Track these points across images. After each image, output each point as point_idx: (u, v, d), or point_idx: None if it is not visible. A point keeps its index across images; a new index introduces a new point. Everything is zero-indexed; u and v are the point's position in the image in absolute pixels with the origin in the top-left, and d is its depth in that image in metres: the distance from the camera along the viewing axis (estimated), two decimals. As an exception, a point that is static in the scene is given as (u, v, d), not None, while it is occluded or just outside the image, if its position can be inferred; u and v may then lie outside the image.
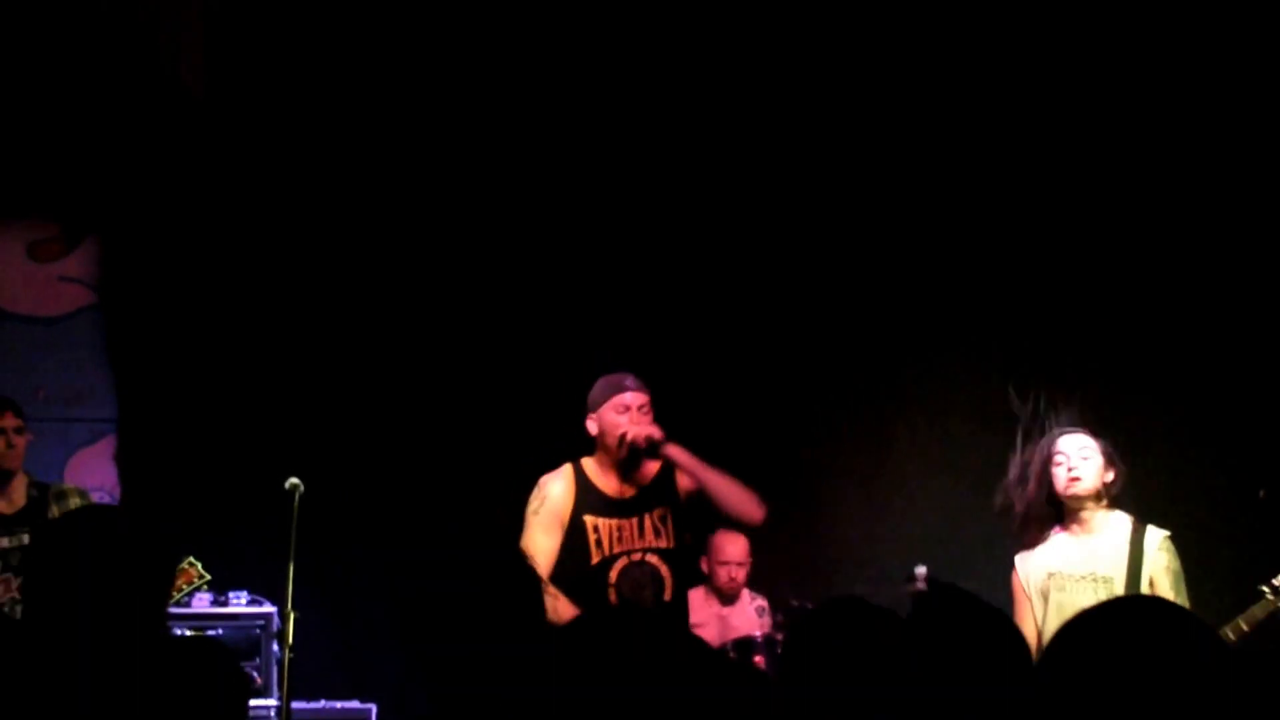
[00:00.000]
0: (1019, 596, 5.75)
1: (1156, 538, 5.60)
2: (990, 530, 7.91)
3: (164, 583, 3.01)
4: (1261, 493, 6.56)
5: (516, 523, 5.83)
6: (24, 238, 8.10)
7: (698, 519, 5.93)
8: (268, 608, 7.02)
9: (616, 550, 5.72)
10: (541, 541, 5.65)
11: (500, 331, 8.01)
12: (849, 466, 8.16)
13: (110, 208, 8.03)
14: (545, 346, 7.93)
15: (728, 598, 7.36)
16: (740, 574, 7.37)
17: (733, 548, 7.35)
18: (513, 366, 7.94)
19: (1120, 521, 5.64)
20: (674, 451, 5.69)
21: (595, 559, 5.71)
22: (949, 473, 8.12)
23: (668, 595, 5.75)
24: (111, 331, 8.05)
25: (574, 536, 5.71)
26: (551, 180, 8.03)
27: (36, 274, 8.10)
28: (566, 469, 5.83)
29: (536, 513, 5.73)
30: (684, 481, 5.80)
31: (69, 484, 6.63)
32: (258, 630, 7.02)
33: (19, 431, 6.27)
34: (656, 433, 5.68)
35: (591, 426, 5.80)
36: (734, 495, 5.71)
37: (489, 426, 7.85)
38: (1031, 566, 5.72)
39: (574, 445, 5.93)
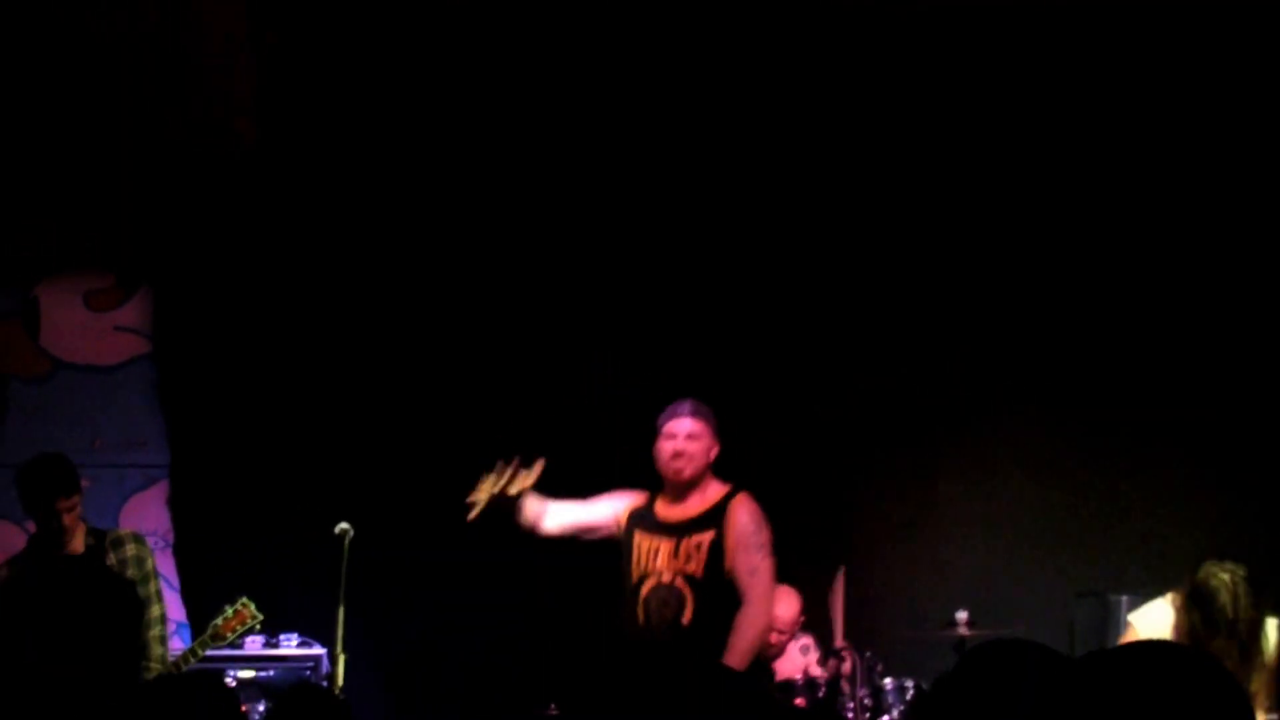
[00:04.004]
0: None
1: None
2: (1032, 579, 7.97)
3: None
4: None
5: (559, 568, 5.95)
6: (81, 288, 8.23)
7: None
8: (318, 650, 7.06)
9: (650, 569, 5.87)
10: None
11: (552, 377, 8.07)
12: (894, 514, 8.18)
13: (164, 258, 8.15)
14: (594, 393, 8.00)
15: (771, 655, 7.27)
16: (783, 639, 7.25)
17: (782, 611, 7.14)
18: (565, 412, 8.00)
19: None
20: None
21: (634, 577, 5.88)
22: (992, 523, 8.14)
23: (686, 619, 5.80)
24: (165, 379, 8.16)
25: (625, 553, 5.94)
26: (596, 230, 8.11)
27: (93, 324, 8.22)
28: (644, 493, 6.06)
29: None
30: (738, 516, 5.88)
31: (125, 530, 6.63)
32: (308, 672, 7.05)
33: (72, 509, 6.14)
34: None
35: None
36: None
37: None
38: None
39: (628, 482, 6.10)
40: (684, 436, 5.88)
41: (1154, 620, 5.79)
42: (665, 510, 5.97)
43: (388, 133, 8.01)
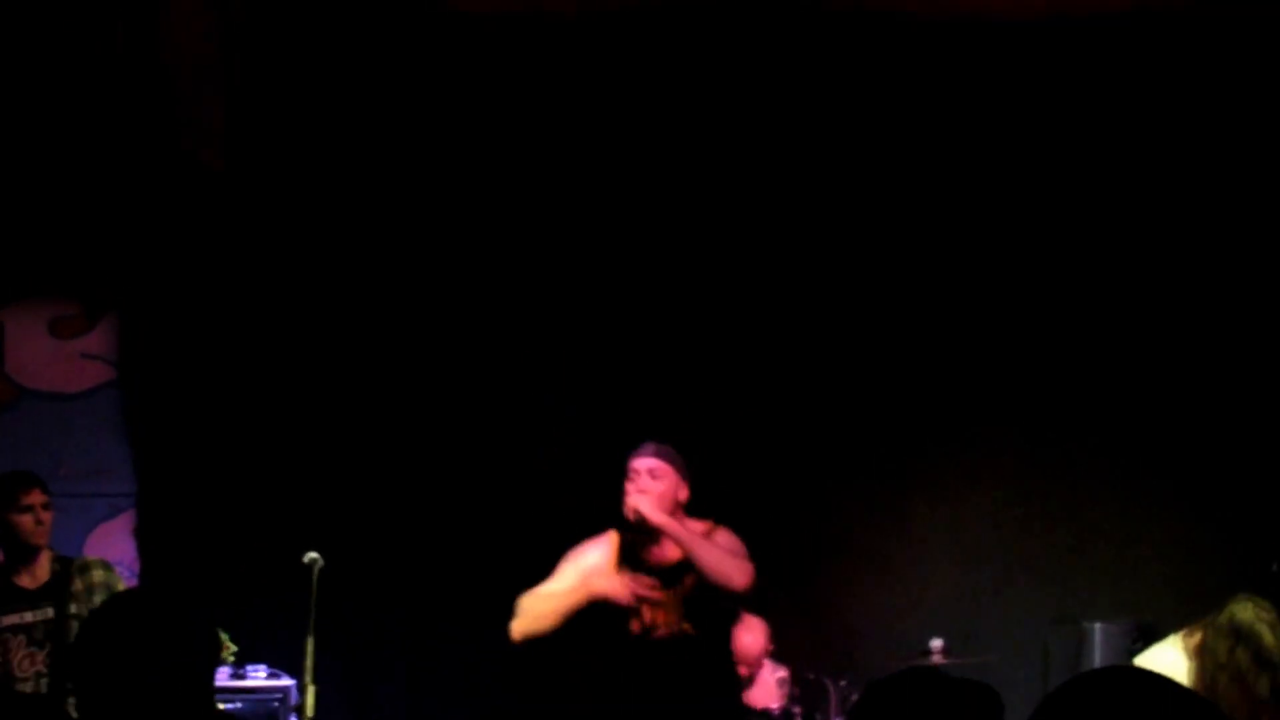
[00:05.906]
0: None
1: None
2: (1006, 607, 7.97)
3: (209, 667, 2.99)
4: (1275, 566, 6.55)
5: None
6: (46, 315, 8.17)
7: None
8: (286, 681, 6.99)
9: (657, 621, 5.63)
10: (557, 583, 5.67)
11: (520, 403, 8.05)
12: (868, 542, 8.16)
13: (130, 285, 8.10)
14: (565, 417, 7.98)
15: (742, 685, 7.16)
16: (750, 672, 7.13)
17: (749, 642, 6.99)
18: (534, 440, 7.97)
19: None
20: (660, 522, 5.58)
21: (636, 629, 5.63)
22: (966, 550, 8.14)
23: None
24: (131, 407, 8.10)
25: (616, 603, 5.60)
26: (580, 258, 8.11)
27: (58, 351, 8.16)
28: (611, 535, 5.78)
29: (567, 560, 5.73)
30: (719, 538, 5.70)
31: (92, 557, 6.60)
32: (276, 703, 6.97)
33: (46, 507, 6.22)
34: (642, 506, 5.58)
35: None
36: (715, 564, 5.56)
37: (509, 500, 7.87)
38: None
39: (596, 517, 5.92)
40: (645, 473, 5.65)
41: (1165, 666, 5.56)
42: (651, 557, 5.71)
43: (355, 163, 7.99)
